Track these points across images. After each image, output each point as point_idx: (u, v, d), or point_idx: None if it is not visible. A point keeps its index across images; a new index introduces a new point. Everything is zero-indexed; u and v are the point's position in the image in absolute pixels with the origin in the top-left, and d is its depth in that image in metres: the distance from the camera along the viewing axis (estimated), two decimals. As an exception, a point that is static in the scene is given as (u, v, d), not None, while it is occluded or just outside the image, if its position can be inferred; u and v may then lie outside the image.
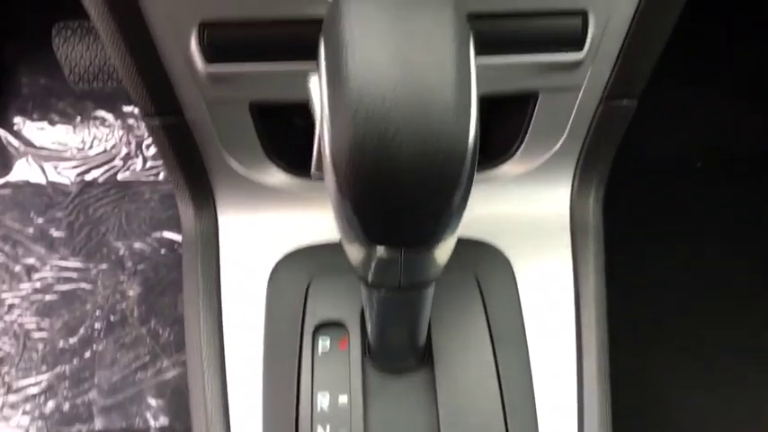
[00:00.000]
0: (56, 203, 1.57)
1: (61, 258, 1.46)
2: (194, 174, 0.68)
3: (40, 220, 1.53)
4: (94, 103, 1.64)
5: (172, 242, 1.48)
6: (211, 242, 0.69)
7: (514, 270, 0.70)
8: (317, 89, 0.41)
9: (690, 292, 1.32)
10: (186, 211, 0.70)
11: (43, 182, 1.60)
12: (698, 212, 1.49)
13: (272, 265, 0.69)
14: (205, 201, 0.70)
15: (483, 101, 0.62)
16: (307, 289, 0.66)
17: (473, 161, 0.40)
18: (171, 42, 0.57)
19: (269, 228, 0.70)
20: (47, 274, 1.45)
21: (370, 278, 0.48)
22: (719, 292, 1.32)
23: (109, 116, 1.63)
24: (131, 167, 1.62)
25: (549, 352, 0.68)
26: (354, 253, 0.45)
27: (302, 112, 0.63)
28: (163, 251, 1.47)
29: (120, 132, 1.62)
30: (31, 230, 1.51)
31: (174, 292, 1.40)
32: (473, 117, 0.39)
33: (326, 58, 0.39)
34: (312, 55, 0.59)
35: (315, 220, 0.69)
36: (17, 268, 1.45)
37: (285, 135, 0.69)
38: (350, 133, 0.37)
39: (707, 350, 1.23)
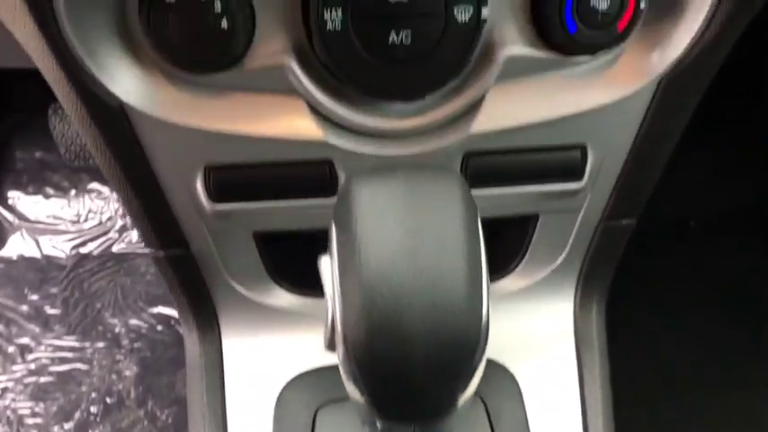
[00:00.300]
0: (50, 278, 1.56)
1: (56, 337, 1.45)
2: (198, 299, 0.68)
3: (35, 297, 1.52)
4: (89, 175, 1.64)
5: (168, 318, 1.46)
6: (216, 367, 0.69)
7: (520, 387, 0.69)
8: (329, 270, 0.42)
9: (689, 361, 1.32)
10: (190, 336, 0.70)
11: (38, 255, 1.59)
12: (695, 275, 1.50)
13: (279, 389, 0.68)
14: (209, 325, 0.70)
15: (483, 219, 0.63)
16: (314, 417, 0.66)
17: (485, 345, 0.40)
18: (176, 185, 0.58)
19: (274, 350, 0.70)
20: (41, 354, 1.43)
21: None
22: (719, 360, 1.32)
23: (104, 189, 1.63)
24: (127, 239, 1.61)
25: None
26: (365, 415, 0.45)
27: (305, 235, 0.64)
28: (159, 327, 1.45)
29: (116, 205, 1.62)
30: (25, 308, 1.50)
31: (171, 371, 1.39)
32: (485, 308, 0.39)
33: (338, 247, 0.40)
34: (315, 193, 0.60)
35: (320, 341, 0.69)
36: (11, 349, 1.43)
37: (288, 255, 0.69)
38: (363, 326, 0.38)
39: (706, 421, 1.23)
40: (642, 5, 0.50)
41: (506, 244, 0.71)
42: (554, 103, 0.55)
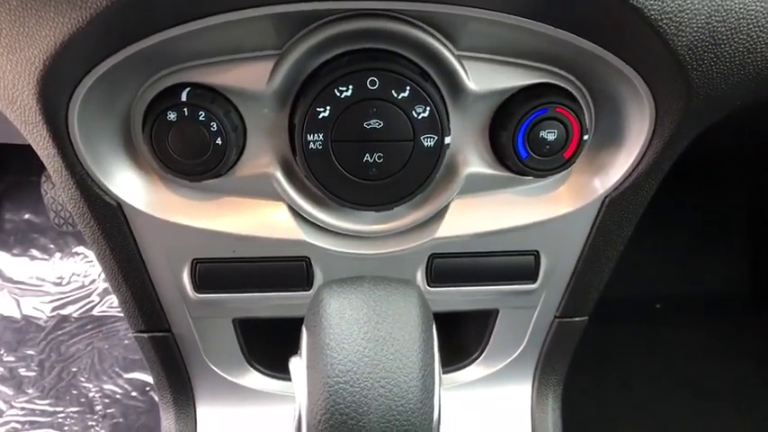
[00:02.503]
0: (28, 340, 1.57)
1: (29, 400, 1.45)
2: (177, 377, 0.72)
3: (11, 358, 1.52)
4: (75, 239, 1.68)
5: (143, 384, 1.47)
6: (191, 444, 0.72)
7: None
8: (298, 371, 0.46)
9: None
10: (167, 411, 0.73)
11: (18, 316, 1.61)
12: (658, 354, 1.55)
13: None
14: (186, 401, 0.73)
15: (448, 313, 0.68)
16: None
17: None
18: (164, 275, 0.63)
19: (247, 426, 0.74)
20: (12, 417, 1.42)
21: None
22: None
23: (88, 252, 1.66)
24: (108, 302, 1.64)
25: None
26: None
27: (280, 321, 0.68)
28: (134, 393, 1.46)
29: (99, 268, 1.65)
30: (0, 370, 1.50)
31: (143, 439, 1.39)
32: (436, 412, 0.44)
33: (308, 351, 0.45)
34: (292, 287, 0.65)
35: (290, 418, 0.73)
36: (-19, 412, 1.43)
37: (263, 340, 0.74)
38: (326, 425, 0.42)
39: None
40: (585, 137, 0.57)
41: (470, 336, 0.76)
42: (509, 215, 0.62)
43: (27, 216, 1.70)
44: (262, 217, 0.60)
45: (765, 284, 1.65)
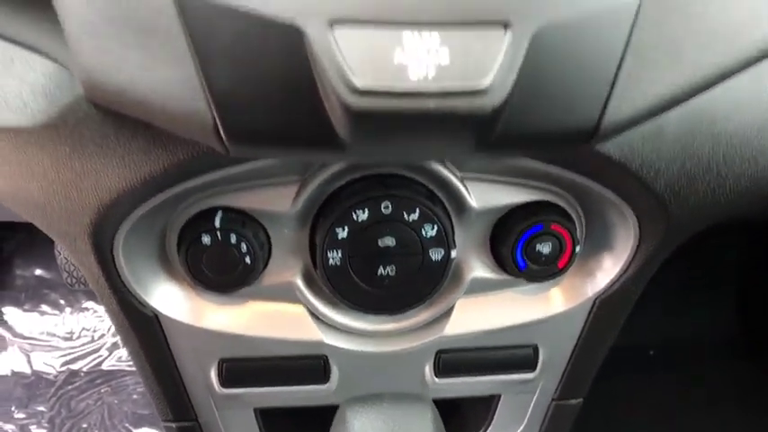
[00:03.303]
0: (38, 395, 1.61)
1: (40, 459, 1.48)
2: None
3: (22, 415, 1.56)
4: (85, 295, 1.73)
5: (153, 440, 1.51)
6: None
7: None
8: None
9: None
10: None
11: (28, 371, 1.65)
12: (653, 402, 1.59)
13: None
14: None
15: (453, 399, 0.74)
16: None
17: None
18: (194, 373, 0.68)
19: None
20: (24, 477, 1.45)
21: None
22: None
23: (98, 307, 1.71)
24: (117, 356, 1.68)
25: None
26: None
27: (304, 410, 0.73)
28: (143, 451, 1.50)
29: (108, 323, 1.70)
30: (11, 428, 1.53)
31: (153, 497, 1.42)
32: None
33: None
34: (310, 381, 0.70)
35: None
36: (-6, 471, 1.46)
37: (283, 424, 0.79)
38: None
39: None
40: (577, 249, 0.63)
41: (473, 418, 0.81)
42: (509, 314, 0.68)
43: (38, 272, 1.75)
44: (284, 320, 0.66)
45: (754, 331, 1.70)
